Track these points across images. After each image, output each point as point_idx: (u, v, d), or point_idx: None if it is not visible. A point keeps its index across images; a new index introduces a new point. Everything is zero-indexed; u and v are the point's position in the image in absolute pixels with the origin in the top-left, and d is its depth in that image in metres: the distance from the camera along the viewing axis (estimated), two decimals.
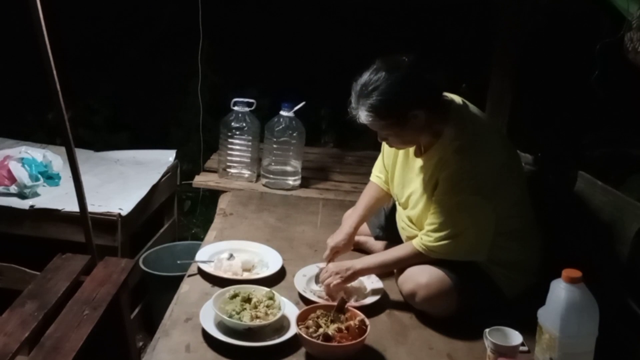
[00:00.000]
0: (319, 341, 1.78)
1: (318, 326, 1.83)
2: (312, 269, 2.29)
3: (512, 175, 2.10)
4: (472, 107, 2.16)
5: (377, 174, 2.46)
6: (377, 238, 2.51)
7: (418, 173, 2.15)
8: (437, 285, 2.03)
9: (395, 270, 2.28)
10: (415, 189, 2.16)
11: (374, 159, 3.75)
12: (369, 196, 2.44)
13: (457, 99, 2.14)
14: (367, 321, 1.87)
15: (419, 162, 2.16)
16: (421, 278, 2.05)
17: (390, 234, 2.45)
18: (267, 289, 2.03)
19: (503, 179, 2.05)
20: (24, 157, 2.97)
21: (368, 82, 1.99)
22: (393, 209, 2.44)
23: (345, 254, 2.35)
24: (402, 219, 2.29)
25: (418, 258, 2.09)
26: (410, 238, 2.20)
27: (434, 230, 2.05)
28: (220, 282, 2.18)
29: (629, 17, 2.02)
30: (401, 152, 2.25)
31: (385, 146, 2.33)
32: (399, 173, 2.27)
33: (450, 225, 2.02)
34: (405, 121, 2.00)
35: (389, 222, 2.46)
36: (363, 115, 2.01)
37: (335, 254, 2.29)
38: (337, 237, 2.32)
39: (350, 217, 2.40)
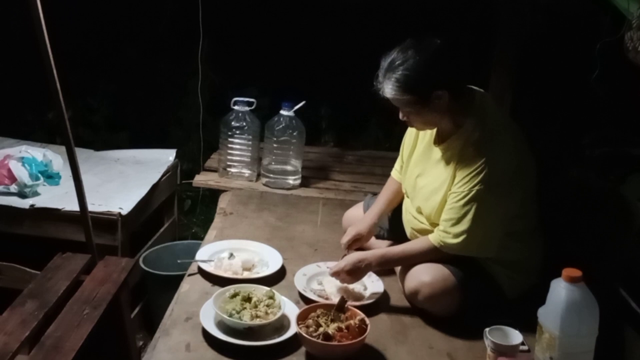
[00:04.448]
0: (319, 340, 1.78)
1: (318, 325, 1.83)
2: (312, 268, 2.29)
3: (524, 176, 2.09)
4: (494, 104, 2.17)
5: (397, 167, 2.47)
6: (379, 237, 2.51)
7: (435, 163, 2.16)
8: (440, 283, 2.03)
9: (396, 268, 2.28)
10: (432, 179, 2.16)
11: (375, 158, 3.76)
12: (389, 190, 2.46)
13: (483, 93, 2.16)
14: (367, 320, 1.87)
15: (437, 152, 2.16)
16: (425, 276, 2.05)
17: (392, 234, 2.45)
18: (267, 288, 2.03)
19: (516, 178, 2.04)
20: (24, 157, 2.97)
21: (396, 58, 2.01)
22: (395, 209, 2.45)
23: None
24: (409, 211, 2.29)
25: (434, 254, 2.08)
26: (416, 230, 2.21)
27: (452, 225, 2.03)
28: (220, 281, 2.18)
29: (629, 17, 2.02)
30: (420, 142, 2.26)
31: (405, 137, 2.36)
32: (415, 163, 2.27)
33: (468, 220, 2.01)
34: (428, 100, 2.00)
35: (392, 222, 2.47)
36: (387, 89, 2.02)
37: (356, 242, 2.32)
38: (359, 226, 2.35)
39: (372, 209, 2.43)
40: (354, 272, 2.12)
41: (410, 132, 2.34)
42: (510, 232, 2.09)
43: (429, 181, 2.17)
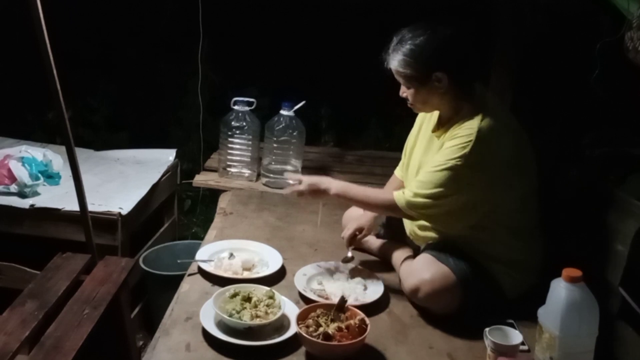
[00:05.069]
0: (319, 340, 1.78)
1: (318, 325, 1.83)
2: (312, 268, 2.29)
3: (524, 172, 2.10)
4: (496, 101, 2.21)
5: (400, 165, 2.49)
6: (378, 236, 2.51)
7: (435, 153, 2.17)
8: (440, 281, 2.04)
9: (396, 266, 2.29)
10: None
11: (375, 158, 3.76)
12: (391, 187, 2.47)
13: (486, 90, 2.20)
14: (367, 320, 1.87)
15: (437, 142, 2.18)
16: (425, 274, 2.06)
17: (391, 233, 2.46)
18: (267, 288, 2.04)
19: (514, 171, 2.05)
20: (24, 156, 2.97)
21: (408, 33, 2.06)
22: None
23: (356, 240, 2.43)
24: None
25: (390, 209, 2.13)
26: (416, 226, 2.23)
27: (419, 187, 2.06)
28: (220, 281, 2.18)
29: (629, 17, 2.02)
30: (422, 137, 2.29)
31: (409, 135, 2.38)
32: (417, 156, 2.29)
33: (437, 186, 2.02)
34: (427, 80, 2.04)
35: (391, 220, 2.47)
36: (392, 61, 2.07)
37: (358, 236, 2.38)
38: (361, 220, 2.39)
39: None
40: (313, 191, 2.22)
41: (413, 130, 2.38)
42: (510, 228, 2.10)
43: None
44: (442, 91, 2.06)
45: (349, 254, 2.37)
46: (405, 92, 2.13)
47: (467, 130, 2.01)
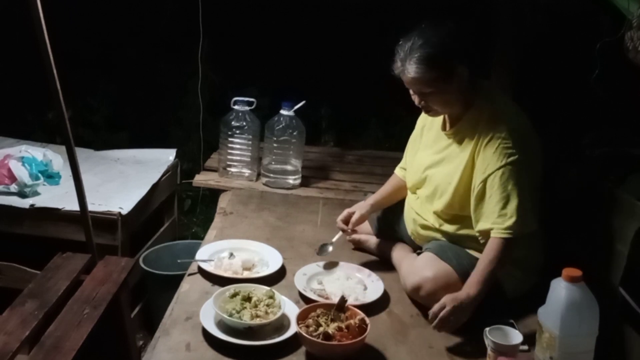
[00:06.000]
0: (319, 340, 1.78)
1: (318, 325, 1.83)
2: (312, 268, 2.29)
3: (533, 164, 2.09)
4: (502, 92, 2.23)
5: (401, 165, 2.49)
6: (378, 235, 2.51)
7: (447, 150, 2.17)
8: (443, 279, 2.04)
9: (397, 265, 2.29)
10: (443, 165, 2.17)
11: (375, 158, 3.76)
12: (390, 185, 2.48)
13: (493, 86, 2.23)
14: (367, 320, 1.87)
15: (447, 139, 2.18)
16: (427, 272, 2.06)
17: (389, 232, 2.46)
18: (268, 288, 2.04)
19: (529, 159, 2.05)
20: (24, 156, 2.97)
21: (417, 39, 2.03)
22: (390, 210, 2.47)
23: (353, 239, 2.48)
24: (413, 208, 2.29)
25: (509, 244, 1.97)
26: (419, 226, 2.23)
27: (504, 207, 1.97)
28: (220, 281, 2.18)
29: (629, 16, 2.02)
30: (426, 135, 2.28)
31: (411, 138, 2.39)
32: (423, 156, 2.28)
33: (516, 194, 1.97)
34: (451, 76, 2.03)
35: (387, 219, 2.48)
36: (412, 69, 2.02)
37: (352, 222, 2.38)
38: (355, 207, 2.41)
39: (371, 197, 2.47)
40: (457, 311, 1.91)
41: (415, 133, 2.38)
42: None
43: (440, 168, 2.18)
44: (463, 86, 2.05)
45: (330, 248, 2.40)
46: (422, 100, 2.09)
47: (493, 124, 2.02)
